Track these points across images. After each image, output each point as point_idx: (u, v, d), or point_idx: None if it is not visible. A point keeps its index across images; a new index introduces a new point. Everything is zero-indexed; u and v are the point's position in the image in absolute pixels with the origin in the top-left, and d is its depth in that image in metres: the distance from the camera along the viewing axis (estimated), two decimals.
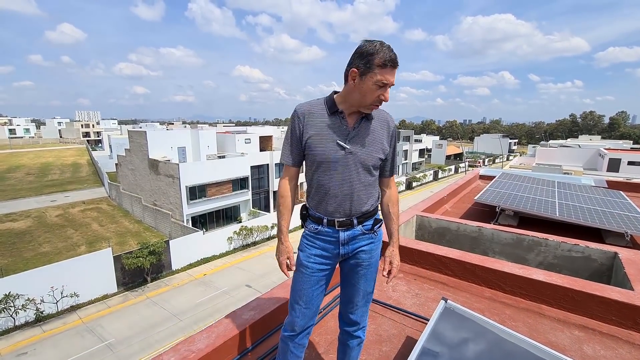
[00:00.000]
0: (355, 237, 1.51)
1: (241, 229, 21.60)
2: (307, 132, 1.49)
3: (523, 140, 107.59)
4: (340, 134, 1.44)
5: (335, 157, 1.44)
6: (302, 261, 1.54)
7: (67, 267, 14.67)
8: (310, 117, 1.50)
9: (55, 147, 70.78)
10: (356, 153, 1.44)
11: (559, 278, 2.10)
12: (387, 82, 1.34)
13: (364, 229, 1.52)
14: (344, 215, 1.49)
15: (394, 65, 1.34)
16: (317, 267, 1.52)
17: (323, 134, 1.46)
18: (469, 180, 6.00)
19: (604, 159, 30.40)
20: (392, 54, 1.32)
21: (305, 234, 1.60)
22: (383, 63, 1.31)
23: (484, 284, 2.33)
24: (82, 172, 44.15)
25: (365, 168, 1.46)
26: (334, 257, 1.54)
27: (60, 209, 27.91)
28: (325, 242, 1.53)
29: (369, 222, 1.53)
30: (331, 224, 1.50)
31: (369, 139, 1.45)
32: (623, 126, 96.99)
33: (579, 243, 2.71)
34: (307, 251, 1.55)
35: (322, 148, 1.46)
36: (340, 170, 1.45)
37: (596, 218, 3.41)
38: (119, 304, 15.52)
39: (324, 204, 1.50)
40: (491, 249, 3.15)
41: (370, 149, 1.45)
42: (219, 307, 15.35)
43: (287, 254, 1.57)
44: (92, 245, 20.88)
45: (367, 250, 1.54)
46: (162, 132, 27.34)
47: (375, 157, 1.47)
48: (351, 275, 1.57)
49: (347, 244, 1.51)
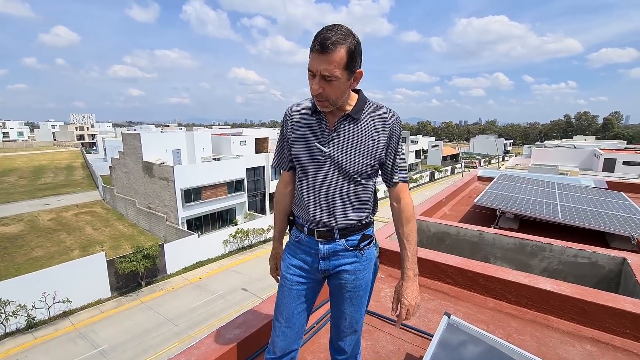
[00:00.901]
0: (336, 252, 1.32)
1: (237, 232, 21.38)
2: (290, 133, 1.36)
3: (518, 141, 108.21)
4: (319, 136, 1.27)
5: (310, 160, 1.28)
6: (282, 272, 1.40)
7: (60, 272, 14.39)
8: (295, 118, 1.36)
9: (49, 150, 70.05)
10: (334, 157, 1.24)
11: (568, 287, 1.97)
12: (312, 69, 1.12)
13: (347, 244, 1.31)
14: (324, 226, 1.30)
15: (320, 50, 1.07)
16: (296, 279, 1.36)
17: (302, 135, 1.32)
18: (467, 182, 5.89)
19: (600, 159, 30.57)
20: (322, 35, 1.07)
21: (288, 242, 1.46)
22: (311, 47, 1.11)
23: (488, 294, 2.20)
24: (76, 175, 43.67)
25: (345, 175, 1.25)
26: (314, 271, 1.36)
27: (53, 213, 27.51)
28: (305, 253, 1.36)
29: (354, 237, 1.32)
30: (311, 234, 1.33)
31: (352, 141, 1.25)
32: (617, 126, 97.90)
33: (585, 248, 2.58)
34: (287, 261, 1.41)
35: (299, 150, 1.32)
36: (316, 176, 1.28)
37: (600, 221, 3.29)
38: (113, 309, 15.25)
39: (304, 210, 1.34)
40: (493, 254, 3.02)
41: (352, 152, 1.24)
42: (215, 311, 15.13)
43: (275, 259, 1.53)
44: (86, 249, 20.56)
45: (351, 271, 1.32)
46: (156, 135, 27.06)
47: (360, 162, 1.25)
48: (336, 296, 1.39)
49: (327, 258, 1.33)
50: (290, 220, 1.46)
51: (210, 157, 26.57)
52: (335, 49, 1.07)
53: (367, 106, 1.28)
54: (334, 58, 1.08)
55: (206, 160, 25.83)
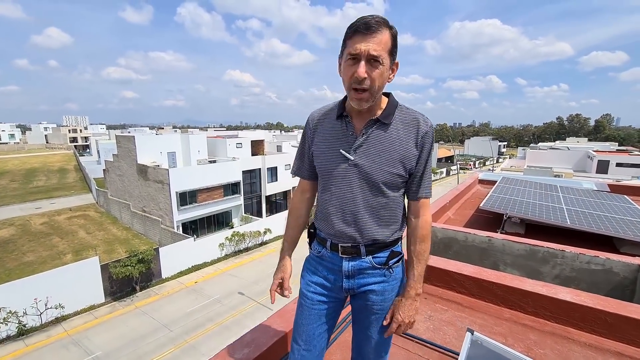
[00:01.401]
0: (362, 270, 1.21)
1: (233, 235, 21.19)
2: (314, 140, 1.25)
3: (512, 143, 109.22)
4: (345, 142, 1.16)
5: (335, 169, 1.17)
6: (301, 289, 1.31)
7: (52, 277, 14.09)
8: (319, 123, 1.25)
9: (41, 152, 69.08)
10: (361, 166, 1.13)
11: (589, 298, 1.90)
12: (355, 51, 0.99)
13: (374, 261, 1.21)
14: (349, 241, 1.19)
15: (366, 29, 0.98)
16: (317, 298, 1.26)
17: (326, 141, 1.20)
18: (469, 185, 5.83)
19: (593, 161, 30.88)
20: (366, 18, 0.99)
21: (308, 257, 1.36)
22: (352, 32, 1.01)
23: (503, 304, 2.11)
24: (68, 178, 43.07)
25: (372, 186, 1.14)
26: (337, 290, 1.25)
27: (46, 217, 27.05)
28: (327, 270, 1.26)
29: (382, 254, 1.21)
30: (334, 249, 1.23)
31: (380, 148, 1.12)
32: (608, 128, 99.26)
33: (598, 255, 2.52)
34: (307, 277, 1.31)
35: (323, 158, 1.21)
36: (341, 186, 1.17)
37: (609, 226, 3.24)
38: (107, 315, 14.97)
39: (327, 223, 1.23)
40: (502, 260, 2.95)
41: (381, 161, 1.12)
42: (211, 315, 14.93)
43: (282, 274, 1.36)
44: (79, 253, 20.21)
45: (378, 291, 1.22)
46: (151, 137, 26.79)
47: (389, 172, 1.13)
48: (361, 317, 1.28)
49: (352, 277, 1.22)
50: (310, 233, 1.35)
51: (205, 160, 26.36)
52: (381, 29, 1.00)
53: (398, 110, 1.16)
54: (380, 39, 1.00)
55: (202, 162, 25.60)
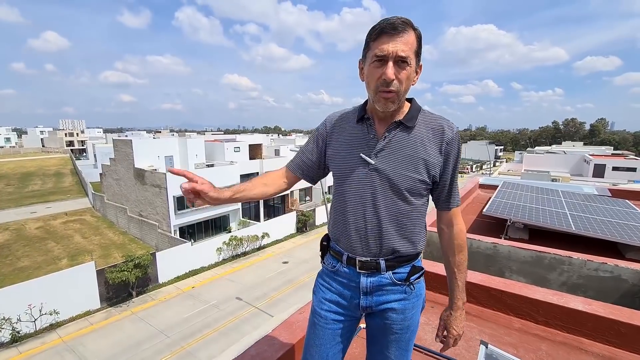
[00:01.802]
0: (381, 286, 1.14)
1: (231, 239, 21.06)
2: (330, 143, 1.19)
3: (508, 147, 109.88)
4: (365, 145, 1.10)
5: (354, 173, 1.10)
6: (314, 307, 1.22)
7: (47, 282, 13.90)
8: (337, 125, 1.19)
9: (37, 156, 68.59)
10: (383, 171, 1.07)
11: (601, 307, 1.85)
12: (382, 52, 0.96)
13: (395, 277, 1.14)
14: (368, 254, 1.12)
15: (393, 29, 0.95)
16: (332, 316, 1.17)
17: (345, 144, 1.14)
18: (469, 190, 5.80)
19: (590, 165, 31.06)
20: (393, 19, 0.96)
21: (321, 272, 1.27)
22: (377, 33, 0.97)
23: (513, 313, 2.07)
24: (65, 182, 42.76)
25: (396, 192, 1.07)
26: (353, 308, 1.18)
27: (41, 221, 26.78)
28: (342, 286, 1.18)
29: (403, 269, 1.15)
30: (351, 263, 1.15)
31: (403, 152, 1.07)
32: (603, 132, 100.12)
33: (606, 261, 2.48)
34: (320, 294, 1.22)
35: (341, 161, 1.14)
36: (361, 192, 1.10)
37: (614, 231, 3.22)
38: (102, 321, 14.76)
39: (344, 235, 1.16)
40: (508, 267, 2.91)
41: (404, 166, 1.06)
42: (208, 321, 14.76)
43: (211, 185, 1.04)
44: (74, 258, 19.98)
45: (398, 310, 1.14)
46: (148, 141, 26.69)
47: (412, 177, 1.07)
48: (378, 337, 1.20)
49: (370, 293, 1.15)
50: (323, 246, 1.27)
51: (203, 164, 26.27)
52: (407, 30, 0.97)
53: (422, 115, 1.11)
54: (407, 39, 0.97)
55: (199, 166, 25.50)
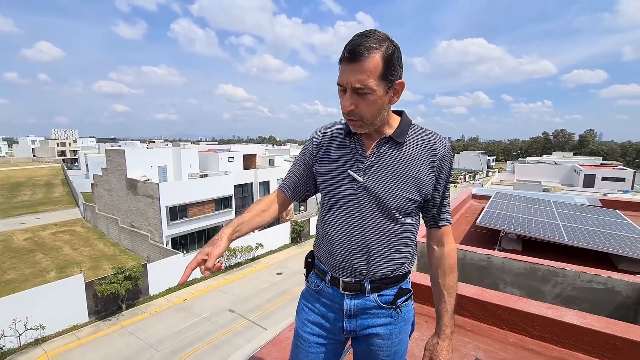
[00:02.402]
0: (366, 309, 1.08)
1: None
2: (317, 159, 1.15)
3: (500, 157, 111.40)
4: (353, 162, 1.05)
5: (342, 191, 1.06)
6: (296, 329, 1.17)
7: (33, 296, 13.52)
8: (324, 141, 1.14)
9: (27, 166, 67.59)
10: (372, 189, 1.02)
11: (596, 320, 1.83)
12: (341, 83, 0.93)
13: (380, 300, 1.08)
14: (352, 275, 1.07)
15: (350, 59, 0.90)
16: (315, 340, 1.12)
17: (332, 160, 1.10)
18: (463, 200, 5.82)
19: (580, 175, 31.56)
20: (353, 42, 0.91)
21: (304, 292, 1.22)
22: (340, 59, 0.93)
23: (508, 328, 2.04)
24: (55, 193, 42.12)
25: (384, 211, 1.03)
26: (337, 331, 1.12)
27: (29, 232, 26.23)
28: (326, 308, 1.13)
29: (389, 291, 1.09)
30: (335, 284, 1.10)
31: (393, 169, 1.02)
32: (592, 143, 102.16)
33: (600, 273, 2.47)
34: (303, 315, 1.17)
35: (328, 179, 1.10)
36: (348, 211, 1.05)
37: (606, 242, 3.23)
38: (90, 335, 14.36)
39: (328, 253, 1.11)
40: (502, 279, 2.89)
41: (393, 184, 1.02)
42: (200, 334, 14.44)
43: (210, 249, 1.01)
44: (63, 270, 19.54)
45: (384, 335, 1.08)
46: (141, 151, 26.52)
47: (402, 196, 1.02)
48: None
49: (354, 317, 1.09)
50: (308, 263, 1.22)
51: (197, 174, 26.11)
52: (368, 55, 0.89)
53: (412, 129, 1.07)
54: (367, 66, 0.90)
55: (193, 177, 25.34)
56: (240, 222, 1.13)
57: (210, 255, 1.00)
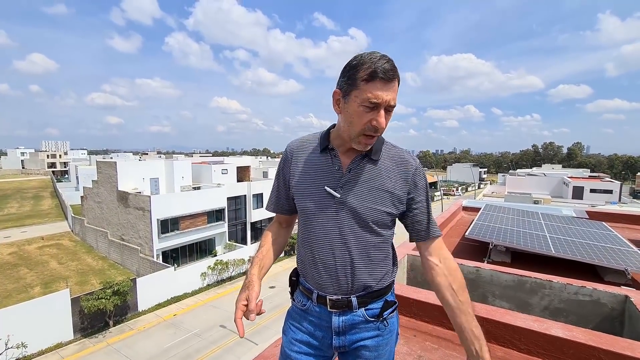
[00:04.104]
0: (355, 325, 1.09)
1: (216, 264, 20.51)
2: (293, 174, 1.15)
3: (492, 169, 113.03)
4: (330, 178, 1.07)
5: (319, 208, 1.07)
6: (283, 348, 1.16)
7: (16, 312, 13.14)
8: (299, 155, 1.16)
9: (16, 178, 66.44)
10: (349, 204, 1.04)
11: (581, 333, 1.84)
12: (377, 100, 0.94)
13: (367, 314, 1.09)
14: (339, 292, 1.08)
15: (388, 78, 0.94)
16: (303, 358, 1.11)
17: (308, 176, 1.11)
18: (453, 212, 5.86)
19: (569, 187, 32.08)
20: (384, 62, 0.94)
21: (290, 311, 1.21)
22: (370, 75, 0.94)
23: (495, 341, 2.03)
24: (43, 205, 41.34)
25: (363, 225, 1.05)
26: (326, 348, 1.12)
27: (15, 246, 25.59)
28: (313, 326, 1.13)
29: (375, 304, 1.10)
30: (322, 302, 1.10)
31: (369, 184, 1.05)
32: (580, 156, 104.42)
33: (585, 285, 2.50)
34: (291, 335, 1.16)
35: (305, 195, 1.11)
36: (328, 227, 1.06)
37: (592, 254, 3.27)
38: (74, 354, 13.90)
39: (312, 272, 1.11)
40: (491, 292, 2.89)
41: (370, 198, 1.04)
42: (190, 351, 14.07)
43: (247, 293, 1.05)
44: (48, 286, 19.01)
45: (371, 347, 1.09)
46: (133, 163, 26.31)
47: (378, 210, 1.05)
48: None
49: (343, 333, 1.09)
50: (292, 281, 1.22)
51: (190, 186, 25.90)
52: (396, 76, 0.97)
53: (385, 147, 1.11)
54: (395, 87, 0.98)
55: (185, 189, 25.13)
56: (261, 258, 1.19)
57: (250, 299, 1.03)
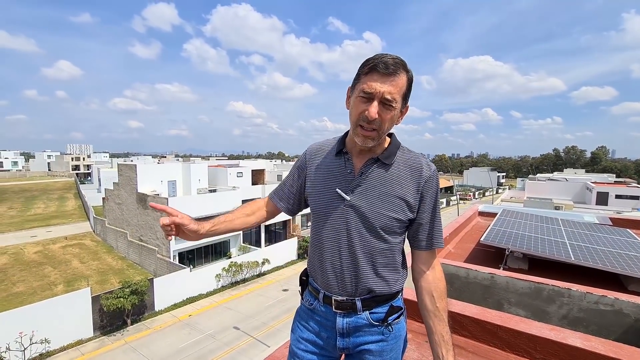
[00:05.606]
0: (358, 327, 1.09)
1: (230, 265, 20.73)
2: (309, 175, 1.18)
3: (510, 174, 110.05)
4: (342, 180, 1.08)
5: (329, 209, 1.08)
6: (291, 346, 1.18)
7: (40, 309, 13.61)
8: (316, 157, 1.18)
9: (42, 180, 69.25)
10: (359, 208, 1.04)
11: (600, 344, 1.78)
12: (370, 90, 0.94)
13: (372, 318, 1.08)
14: (344, 293, 1.08)
15: (386, 71, 0.94)
16: (309, 357, 1.13)
17: (322, 178, 1.13)
18: (469, 217, 5.75)
19: (592, 193, 30.89)
20: (388, 58, 0.95)
21: (299, 309, 1.24)
22: (370, 68, 0.96)
23: (509, 349, 1.98)
24: (67, 206, 42.89)
25: (371, 230, 1.04)
26: (331, 348, 1.13)
27: (40, 245, 26.62)
28: (319, 326, 1.14)
29: (380, 308, 1.09)
30: (327, 302, 1.11)
31: (379, 189, 1.05)
32: (605, 160, 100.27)
33: (607, 294, 2.40)
34: (298, 333, 1.18)
35: (316, 196, 1.13)
36: (337, 229, 1.07)
37: (615, 262, 3.14)
38: (94, 351, 14.28)
39: (320, 272, 1.13)
40: (506, 299, 2.82)
41: (379, 203, 1.04)
42: (204, 352, 14.24)
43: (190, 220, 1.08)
44: (71, 284, 19.67)
45: (375, 352, 1.08)
46: (152, 166, 27.01)
47: (387, 215, 1.04)
48: None
49: (347, 335, 1.10)
50: (302, 281, 1.25)
51: (206, 189, 26.38)
52: (400, 73, 0.96)
53: (400, 152, 1.10)
54: (397, 82, 0.96)
55: (202, 191, 25.61)
56: (222, 221, 1.19)
57: (181, 218, 1.07)
